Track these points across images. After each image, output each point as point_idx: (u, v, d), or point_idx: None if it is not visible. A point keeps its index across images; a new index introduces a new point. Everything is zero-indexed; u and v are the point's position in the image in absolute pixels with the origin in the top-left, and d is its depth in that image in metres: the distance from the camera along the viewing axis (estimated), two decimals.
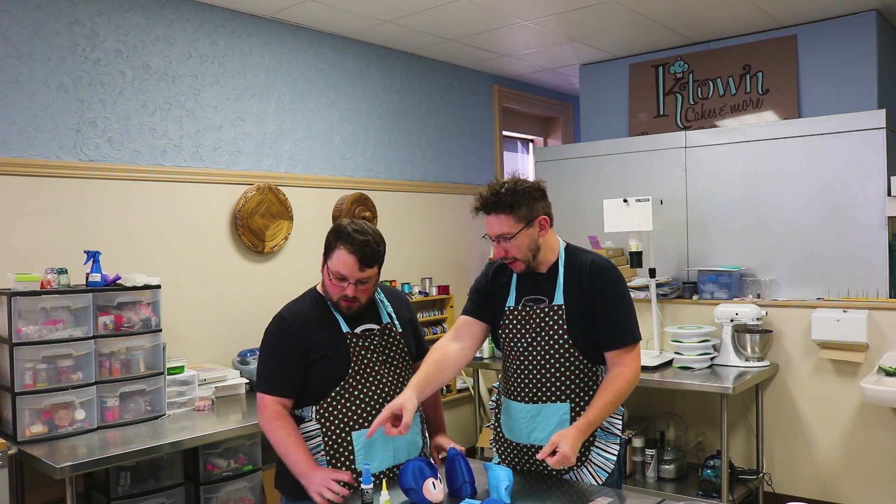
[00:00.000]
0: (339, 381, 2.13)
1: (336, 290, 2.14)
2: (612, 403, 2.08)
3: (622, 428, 2.20)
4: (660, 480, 4.08)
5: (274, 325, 2.19)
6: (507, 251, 2.14)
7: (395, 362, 2.23)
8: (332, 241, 2.14)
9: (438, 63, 5.18)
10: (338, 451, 2.13)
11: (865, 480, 3.81)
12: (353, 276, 2.11)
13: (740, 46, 4.81)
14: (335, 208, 4.38)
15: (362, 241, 2.10)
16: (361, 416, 2.14)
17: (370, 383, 2.17)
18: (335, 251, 2.11)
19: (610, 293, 2.13)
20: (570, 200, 4.91)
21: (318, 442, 2.14)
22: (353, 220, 2.18)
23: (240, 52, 3.94)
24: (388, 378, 2.20)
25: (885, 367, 3.43)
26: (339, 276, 2.11)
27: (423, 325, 4.81)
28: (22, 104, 3.14)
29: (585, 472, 2.15)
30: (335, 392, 2.14)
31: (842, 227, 3.99)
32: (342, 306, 2.16)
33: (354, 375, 2.15)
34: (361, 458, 2.11)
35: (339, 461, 2.13)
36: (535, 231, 2.13)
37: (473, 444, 4.77)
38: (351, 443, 2.12)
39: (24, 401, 2.79)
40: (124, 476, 3.01)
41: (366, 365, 2.17)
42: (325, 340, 2.14)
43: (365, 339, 2.18)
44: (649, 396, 4.38)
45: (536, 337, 2.17)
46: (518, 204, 2.10)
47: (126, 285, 3.09)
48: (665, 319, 4.31)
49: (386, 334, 2.23)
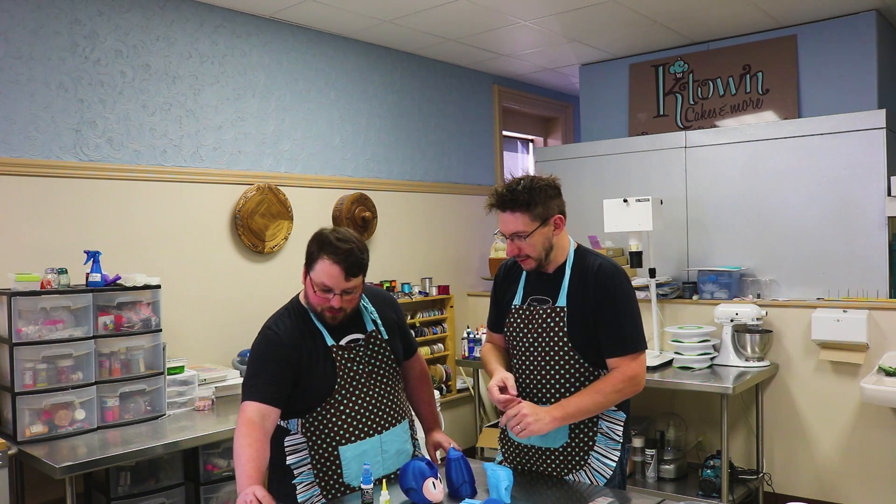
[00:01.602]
0: (325, 395, 2.07)
1: (320, 301, 2.05)
2: (593, 400, 2.06)
3: (623, 435, 2.17)
4: (660, 480, 4.08)
5: (261, 338, 2.09)
6: (521, 249, 2.13)
7: (381, 372, 2.17)
8: (314, 252, 2.04)
9: (438, 63, 5.18)
10: (325, 465, 2.08)
11: (865, 480, 3.81)
12: (338, 286, 2.02)
13: (740, 46, 4.81)
14: (335, 208, 4.38)
15: (346, 249, 2.01)
16: (348, 430, 2.08)
17: (356, 397, 2.10)
18: (318, 262, 2.02)
19: (614, 299, 2.10)
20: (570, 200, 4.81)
21: (305, 455, 2.08)
22: (336, 229, 2.08)
23: (240, 52, 3.94)
24: (374, 390, 2.14)
25: (885, 367, 3.43)
26: (324, 287, 2.02)
27: (423, 325, 4.82)
28: (22, 104, 3.14)
29: (584, 476, 2.15)
30: (321, 406, 2.07)
31: (842, 227, 3.99)
32: (326, 317, 2.08)
33: (340, 390, 2.08)
34: (350, 472, 2.07)
35: (328, 475, 2.07)
36: (549, 230, 2.12)
37: (473, 444, 4.77)
38: (339, 457, 2.07)
39: (24, 401, 2.79)
40: (124, 476, 3.01)
41: (352, 378, 2.10)
42: (311, 354, 2.07)
43: (350, 350, 2.11)
44: (649, 396, 4.37)
45: (538, 337, 2.17)
46: (535, 202, 2.08)
47: (126, 285, 3.09)
48: (665, 319, 4.31)
49: (371, 344, 2.16)
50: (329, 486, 2.08)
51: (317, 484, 2.07)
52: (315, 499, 2.07)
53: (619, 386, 2.08)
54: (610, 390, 2.07)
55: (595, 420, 2.15)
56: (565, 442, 2.15)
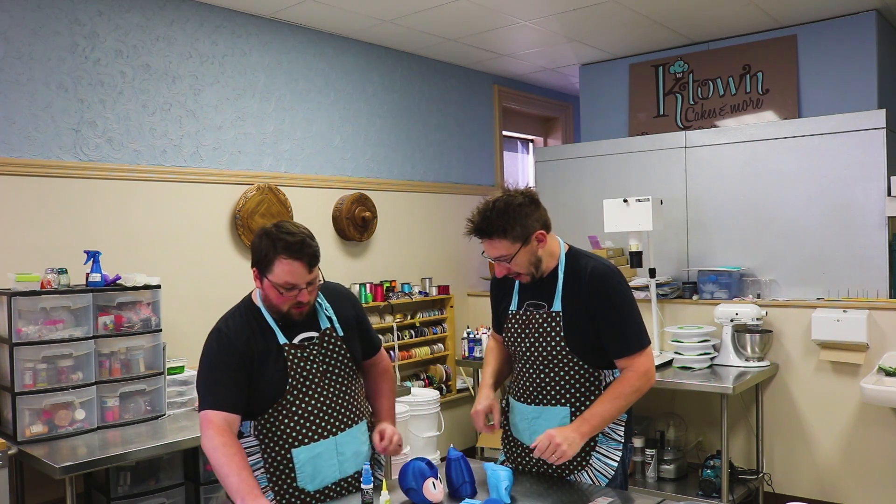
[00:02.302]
0: (277, 396, 1.99)
1: (286, 300, 1.97)
2: (614, 406, 2.06)
3: (625, 434, 2.17)
4: (660, 480, 4.08)
5: (212, 340, 2.01)
6: (509, 269, 2.13)
7: (336, 371, 2.08)
8: (267, 253, 1.94)
9: (438, 63, 5.18)
10: (278, 468, 2.00)
11: (865, 480, 3.81)
12: (302, 280, 1.95)
13: (740, 46, 4.81)
14: (335, 208, 4.38)
15: (299, 242, 1.94)
16: (301, 431, 2.01)
17: (309, 397, 2.02)
18: (276, 263, 1.93)
19: (612, 301, 2.09)
20: (570, 200, 4.91)
21: (258, 459, 2.02)
22: (277, 224, 1.99)
23: (240, 52, 3.94)
24: (328, 390, 2.06)
25: (885, 367, 3.43)
26: (289, 285, 1.95)
27: (423, 325, 4.82)
28: (22, 104, 3.14)
29: (586, 476, 2.14)
30: (272, 408, 2.00)
31: (842, 227, 3.99)
32: (294, 314, 2.01)
33: (292, 391, 2.00)
34: (304, 475, 2.00)
35: (280, 479, 2.01)
36: (533, 246, 2.09)
37: (473, 444, 4.77)
38: (291, 460, 1.99)
39: (24, 401, 2.78)
40: (124, 476, 3.01)
41: (305, 377, 2.02)
42: (263, 353, 1.99)
43: (303, 349, 2.04)
44: (649, 396, 4.32)
45: (536, 342, 2.17)
46: (511, 225, 2.04)
47: (126, 285, 3.09)
48: (665, 319, 4.31)
49: (325, 342, 2.08)
50: (283, 491, 2.00)
51: (270, 488, 2.00)
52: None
53: (636, 385, 2.08)
54: (629, 391, 2.08)
55: None
56: None
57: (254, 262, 1.99)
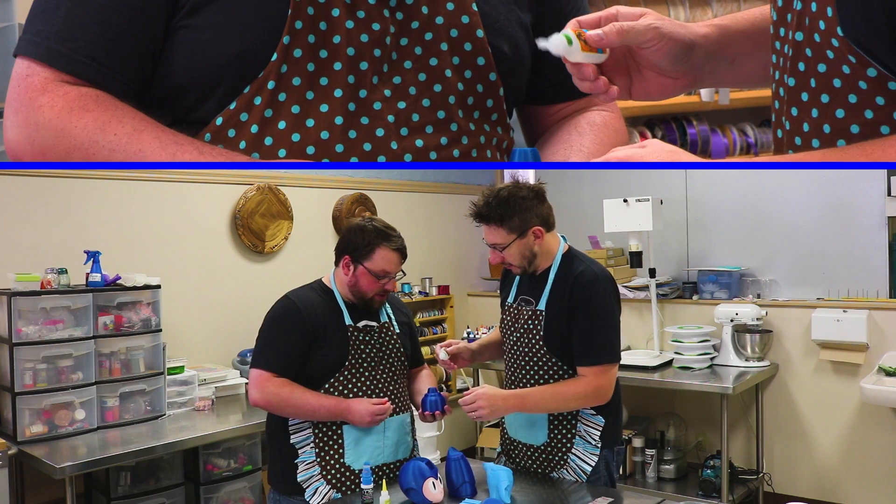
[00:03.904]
0: (334, 371, 2.13)
1: (377, 287, 2.17)
2: (551, 404, 2.11)
3: (605, 439, 2.15)
4: (660, 480, 4.08)
5: (281, 306, 2.17)
6: (502, 258, 2.16)
7: (390, 360, 2.24)
8: (370, 242, 2.14)
9: None
10: (327, 443, 2.12)
11: (865, 480, 3.81)
12: (395, 270, 2.18)
13: None
14: (335, 208, 4.38)
15: (397, 237, 2.19)
16: None
17: (365, 377, 2.17)
18: (377, 251, 2.13)
19: (589, 307, 2.07)
20: (570, 200, 4.91)
21: (308, 434, 2.12)
22: (371, 218, 2.23)
23: None
24: (381, 374, 2.20)
25: (885, 368, 3.43)
26: (384, 273, 2.15)
27: (423, 325, 4.82)
28: None
29: (567, 473, 2.16)
30: (328, 384, 2.13)
31: (842, 227, 3.99)
32: (376, 301, 2.20)
33: (350, 368, 2.14)
34: (351, 453, 2.11)
35: (328, 453, 2.11)
36: (528, 240, 2.10)
37: (473, 444, 4.77)
38: (341, 436, 2.12)
39: (24, 401, 2.78)
40: (124, 476, 3.01)
41: (363, 359, 2.17)
42: (329, 329, 2.15)
43: (366, 333, 2.20)
44: (649, 396, 4.38)
45: (521, 337, 2.20)
46: (509, 215, 2.06)
47: (126, 285, 3.09)
48: (665, 319, 4.31)
49: (384, 332, 2.25)
50: (329, 467, 2.10)
51: (317, 463, 2.11)
52: (315, 478, 2.10)
53: (581, 395, 2.08)
54: (571, 397, 2.08)
55: (573, 422, 2.16)
56: (545, 441, 2.17)
57: (349, 250, 2.16)
